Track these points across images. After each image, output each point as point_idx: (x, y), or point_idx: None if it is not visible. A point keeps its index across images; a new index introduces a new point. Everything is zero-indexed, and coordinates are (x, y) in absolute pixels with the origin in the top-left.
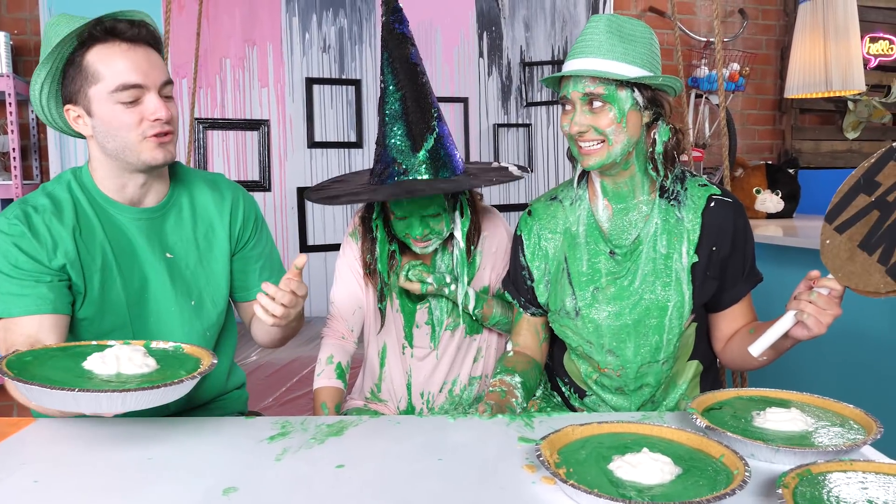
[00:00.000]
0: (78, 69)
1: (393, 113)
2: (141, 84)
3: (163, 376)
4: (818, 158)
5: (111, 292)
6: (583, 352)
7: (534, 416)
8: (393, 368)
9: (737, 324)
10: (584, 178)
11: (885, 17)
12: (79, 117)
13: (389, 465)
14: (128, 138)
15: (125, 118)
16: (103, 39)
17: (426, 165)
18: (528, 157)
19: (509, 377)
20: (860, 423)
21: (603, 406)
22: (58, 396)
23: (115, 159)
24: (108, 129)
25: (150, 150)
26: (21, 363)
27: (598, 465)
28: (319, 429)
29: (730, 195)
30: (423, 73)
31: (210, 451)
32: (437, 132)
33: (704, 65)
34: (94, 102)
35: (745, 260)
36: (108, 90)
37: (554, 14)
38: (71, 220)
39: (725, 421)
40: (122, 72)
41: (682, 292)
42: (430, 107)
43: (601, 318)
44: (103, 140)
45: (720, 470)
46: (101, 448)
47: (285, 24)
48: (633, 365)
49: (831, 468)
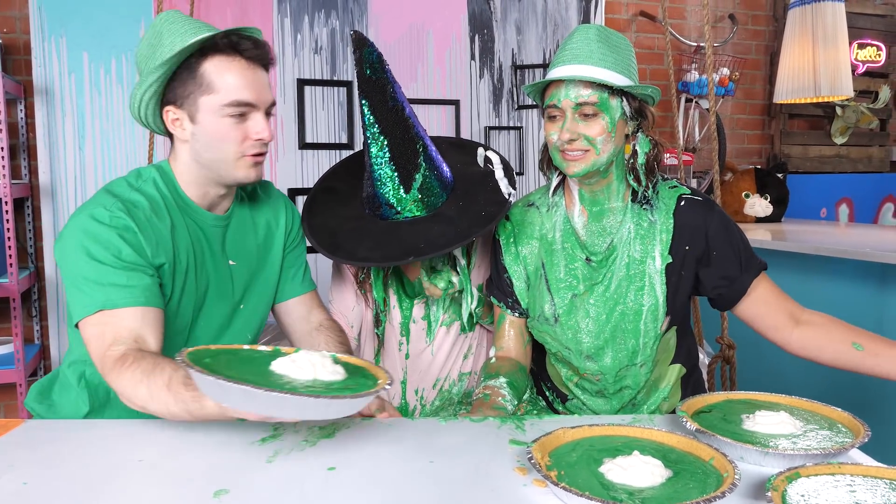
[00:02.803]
0: (192, 75)
1: (378, 161)
2: (253, 103)
3: (356, 384)
4: (806, 163)
5: (185, 295)
6: (562, 357)
7: (524, 419)
8: (388, 365)
9: (771, 311)
10: (561, 186)
11: (873, 24)
12: (177, 120)
13: (381, 467)
14: (227, 152)
15: (231, 133)
16: (225, 52)
17: (417, 204)
18: (520, 159)
19: (493, 381)
20: (848, 427)
21: (584, 410)
22: (262, 398)
23: (205, 168)
24: (209, 139)
25: (245, 167)
26: (202, 364)
27: (588, 468)
28: (311, 431)
29: (700, 194)
30: (404, 110)
31: (201, 453)
32: (423, 167)
33: (694, 69)
34: (202, 111)
35: (736, 252)
36: (220, 103)
37: (546, 17)
38: (167, 219)
39: (715, 424)
40: (238, 88)
41: (656, 296)
42: (414, 143)
43: (580, 325)
44: (200, 148)
45: (710, 472)
46: (90, 450)
47: (277, 26)
48: (612, 370)
49: (820, 471)
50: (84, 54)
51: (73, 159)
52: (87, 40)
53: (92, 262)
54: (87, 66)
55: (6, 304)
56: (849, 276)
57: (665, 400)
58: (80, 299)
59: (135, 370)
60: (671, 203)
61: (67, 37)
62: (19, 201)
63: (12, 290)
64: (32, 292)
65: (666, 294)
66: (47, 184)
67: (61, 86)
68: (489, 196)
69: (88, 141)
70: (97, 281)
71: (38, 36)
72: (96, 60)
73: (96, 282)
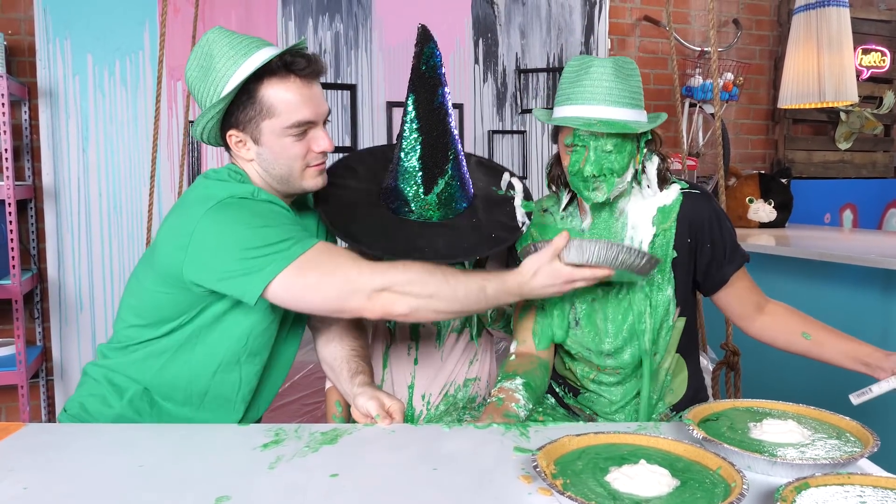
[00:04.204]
0: (251, 101)
1: (408, 156)
2: (313, 120)
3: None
4: (810, 168)
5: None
6: (582, 357)
7: (529, 426)
8: (395, 369)
9: (742, 302)
10: (573, 200)
11: (877, 30)
12: (241, 142)
13: (384, 474)
14: (293, 167)
15: (294, 150)
16: (279, 73)
17: (433, 208)
18: (523, 163)
19: (509, 382)
20: (857, 436)
21: (599, 401)
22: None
23: (277, 181)
24: (275, 158)
25: (311, 177)
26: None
27: (595, 477)
28: (313, 437)
29: (697, 187)
30: (447, 114)
31: (202, 459)
32: (449, 174)
33: (699, 74)
34: (265, 134)
35: (724, 244)
36: (282, 125)
37: (550, 21)
38: None
39: (722, 432)
40: (298, 109)
41: (666, 291)
42: (447, 149)
43: (599, 327)
44: (268, 166)
45: (718, 482)
46: (91, 455)
47: (281, 28)
48: (631, 364)
49: (829, 481)
50: (88, 56)
51: (77, 161)
52: (92, 42)
53: (264, 229)
54: (91, 68)
55: (8, 306)
56: (853, 283)
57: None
58: (273, 257)
59: (419, 266)
60: (672, 198)
61: (72, 39)
62: (22, 203)
63: (14, 291)
64: (35, 294)
65: (675, 288)
66: (51, 186)
67: (65, 88)
68: (504, 221)
69: (92, 143)
70: (282, 237)
71: (42, 38)
72: (100, 63)
73: (282, 236)
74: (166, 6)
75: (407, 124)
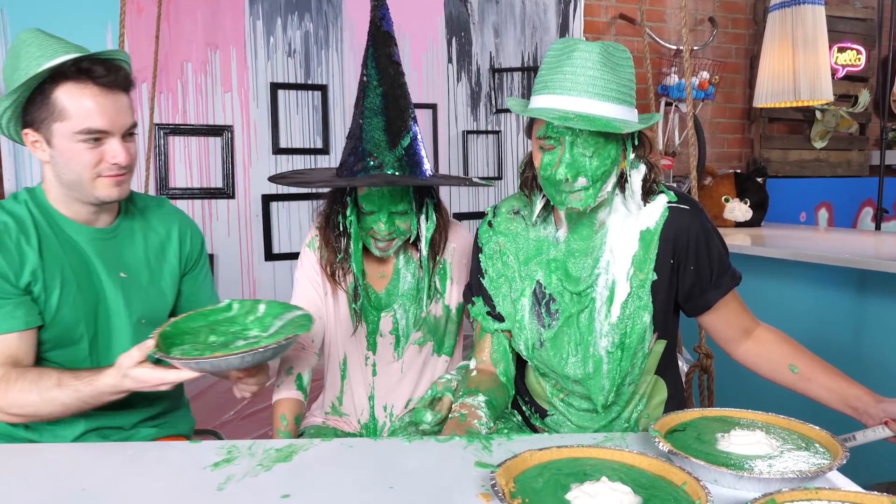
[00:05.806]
0: (45, 101)
1: (373, 107)
2: (106, 130)
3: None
4: (786, 167)
5: (69, 309)
6: (548, 376)
7: (492, 439)
8: (354, 379)
9: (729, 326)
10: (546, 207)
11: (852, 28)
12: (36, 142)
13: (338, 494)
14: (83, 175)
15: (85, 157)
16: (76, 78)
17: (401, 163)
18: (498, 164)
19: (471, 398)
20: (826, 447)
21: (567, 426)
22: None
23: (67, 187)
24: (65, 162)
25: (104, 187)
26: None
27: (555, 495)
28: (267, 454)
29: (687, 200)
30: (402, 74)
31: (148, 481)
32: (412, 132)
33: (674, 73)
34: (56, 136)
35: (711, 265)
36: (72, 130)
37: (524, 20)
38: (35, 237)
39: (689, 444)
40: (89, 116)
41: (643, 317)
42: (408, 106)
43: (567, 352)
44: (59, 170)
45: (682, 499)
46: (31, 479)
47: (249, 28)
48: (600, 391)
49: (796, 497)
50: None
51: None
52: None
53: None
54: None
55: None
56: (827, 282)
57: (642, 410)
58: None
59: (22, 382)
60: (657, 214)
61: None
62: None
63: None
64: None
65: (653, 313)
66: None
67: None
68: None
69: None
70: None
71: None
72: None
73: None
74: (124, 6)
75: (370, 79)
